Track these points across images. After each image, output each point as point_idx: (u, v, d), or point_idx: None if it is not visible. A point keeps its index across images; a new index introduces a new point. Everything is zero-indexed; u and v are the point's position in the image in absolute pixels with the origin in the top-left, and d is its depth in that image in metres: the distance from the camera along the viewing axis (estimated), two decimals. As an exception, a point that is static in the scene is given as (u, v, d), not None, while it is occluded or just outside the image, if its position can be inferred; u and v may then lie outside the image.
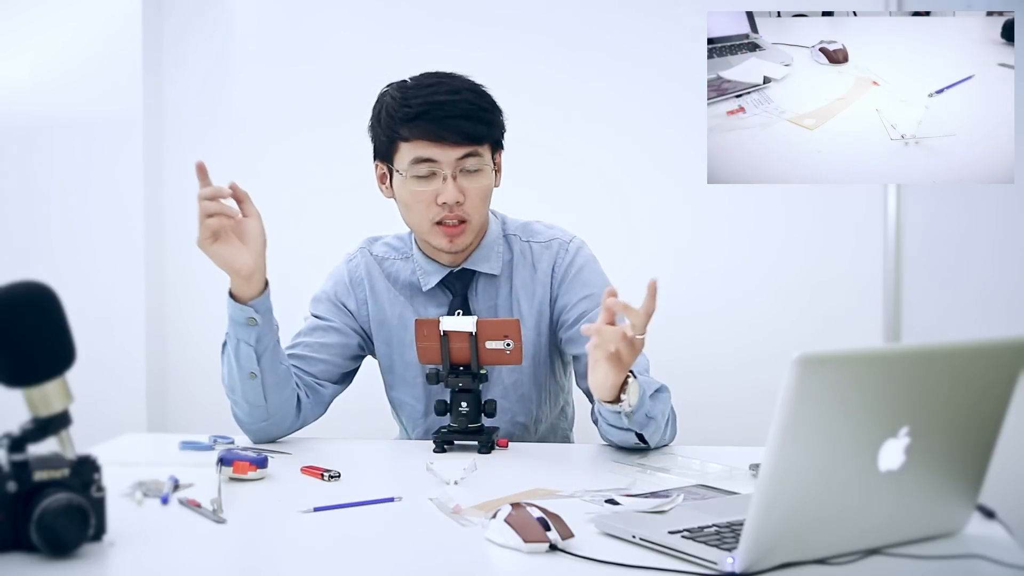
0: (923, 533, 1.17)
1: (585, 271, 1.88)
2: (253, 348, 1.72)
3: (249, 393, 1.73)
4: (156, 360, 2.87)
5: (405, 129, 1.76)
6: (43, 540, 1.10)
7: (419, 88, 1.78)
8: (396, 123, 1.77)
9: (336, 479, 1.51)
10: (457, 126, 1.75)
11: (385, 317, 1.90)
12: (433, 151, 1.76)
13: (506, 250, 1.90)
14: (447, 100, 1.75)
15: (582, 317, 1.83)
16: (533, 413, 1.90)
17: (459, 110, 1.75)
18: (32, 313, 1.10)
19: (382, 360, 1.93)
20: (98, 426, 1.79)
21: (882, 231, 2.65)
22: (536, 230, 1.93)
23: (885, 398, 1.05)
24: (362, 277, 1.92)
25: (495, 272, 1.88)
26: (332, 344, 1.87)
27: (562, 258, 1.88)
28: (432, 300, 1.89)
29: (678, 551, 1.11)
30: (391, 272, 1.91)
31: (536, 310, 1.88)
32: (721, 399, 2.60)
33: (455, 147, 1.76)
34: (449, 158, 1.76)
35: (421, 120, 1.75)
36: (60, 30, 2.81)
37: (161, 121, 2.87)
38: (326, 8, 2.83)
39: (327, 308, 1.91)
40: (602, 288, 1.85)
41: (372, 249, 1.95)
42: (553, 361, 1.92)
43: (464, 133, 1.76)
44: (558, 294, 1.87)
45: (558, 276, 1.88)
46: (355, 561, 1.18)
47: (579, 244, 1.91)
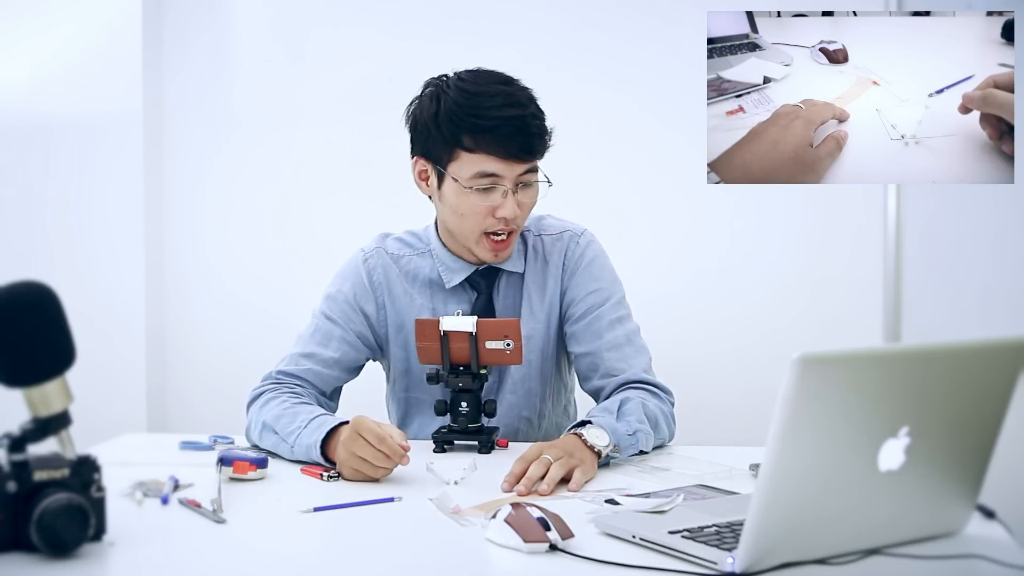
0: (923, 533, 1.17)
1: (595, 265, 1.87)
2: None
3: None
4: (156, 360, 2.87)
5: (471, 140, 1.71)
6: (43, 540, 1.10)
7: (486, 97, 1.71)
8: (461, 131, 1.71)
9: (335, 479, 1.51)
10: (531, 145, 1.72)
11: (403, 320, 1.86)
12: (499, 167, 1.71)
13: (521, 244, 1.88)
14: (517, 115, 1.70)
15: (588, 312, 1.82)
16: (537, 407, 1.89)
17: (532, 129, 1.71)
18: (32, 313, 1.10)
19: (397, 364, 1.89)
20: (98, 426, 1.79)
21: (882, 231, 2.65)
22: (548, 224, 1.92)
23: (885, 398, 1.05)
24: (381, 280, 1.86)
25: (519, 270, 1.86)
26: (341, 360, 1.83)
27: (573, 250, 1.87)
28: (454, 297, 1.86)
29: (678, 551, 1.11)
30: (408, 270, 1.88)
31: (547, 303, 1.86)
32: (721, 399, 2.60)
33: (520, 163, 1.73)
34: (513, 174, 1.72)
35: (492, 135, 1.69)
36: (60, 30, 2.81)
37: (161, 121, 2.87)
38: (326, 8, 2.83)
39: (341, 310, 1.85)
40: (610, 285, 1.85)
41: (387, 247, 1.90)
42: (559, 357, 1.91)
43: (536, 152, 1.73)
44: (568, 286, 1.86)
45: (569, 268, 1.87)
46: (355, 561, 1.18)
47: (590, 238, 1.91)
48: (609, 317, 1.82)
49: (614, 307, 1.83)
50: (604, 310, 1.82)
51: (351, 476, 1.50)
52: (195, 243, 2.89)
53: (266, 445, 1.67)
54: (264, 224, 2.86)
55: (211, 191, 2.88)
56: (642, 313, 1.92)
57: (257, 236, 2.86)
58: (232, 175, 2.88)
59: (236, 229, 2.87)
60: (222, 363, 2.82)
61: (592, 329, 1.81)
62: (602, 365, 1.79)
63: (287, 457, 1.63)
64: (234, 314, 2.85)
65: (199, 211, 2.89)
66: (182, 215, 2.90)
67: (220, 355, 2.85)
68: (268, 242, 2.85)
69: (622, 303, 1.86)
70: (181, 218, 2.90)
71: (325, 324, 1.85)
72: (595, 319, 1.82)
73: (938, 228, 2.63)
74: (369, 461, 1.47)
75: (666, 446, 1.73)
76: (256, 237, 2.86)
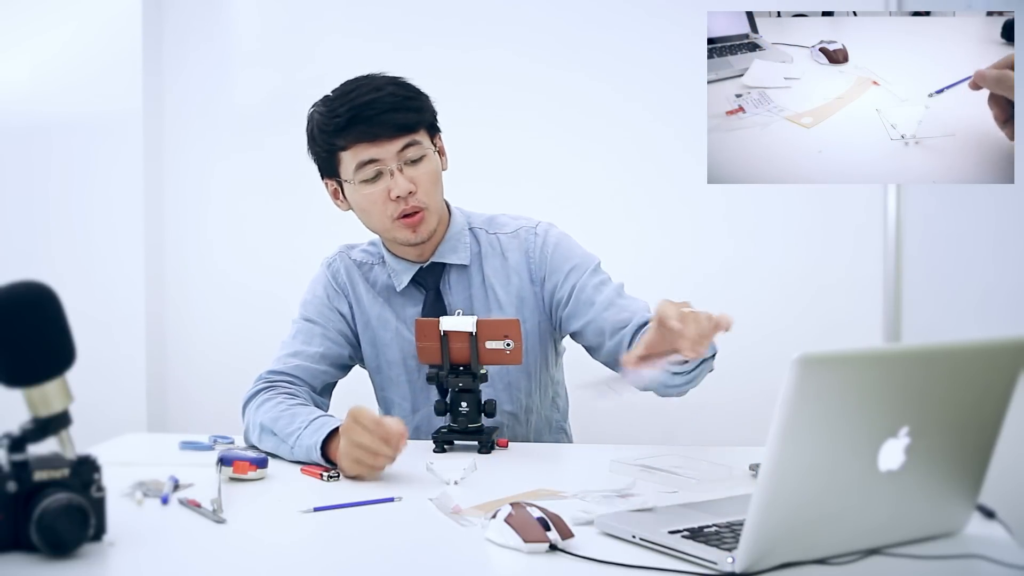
0: (923, 533, 1.17)
1: (562, 247, 1.90)
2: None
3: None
4: (156, 360, 2.87)
5: (340, 139, 1.78)
6: (43, 540, 1.10)
7: (343, 97, 1.79)
8: (330, 135, 1.79)
9: (335, 479, 1.51)
10: (389, 120, 1.76)
11: (368, 319, 1.92)
12: (373, 150, 1.77)
13: (473, 242, 1.92)
14: (372, 99, 1.77)
15: (573, 289, 1.85)
16: (522, 403, 1.91)
17: (386, 104, 1.76)
18: (32, 313, 1.10)
19: (369, 362, 1.95)
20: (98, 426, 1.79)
21: (882, 231, 2.65)
22: (502, 222, 1.95)
23: (885, 398, 1.05)
24: (345, 281, 1.93)
25: (464, 262, 1.89)
26: (327, 354, 1.88)
27: (533, 243, 1.90)
28: (408, 299, 1.90)
29: (678, 551, 1.11)
30: (369, 277, 1.93)
31: (515, 298, 1.89)
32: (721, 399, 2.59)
33: (392, 140, 1.77)
34: (390, 153, 1.77)
35: (353, 125, 1.77)
36: (60, 30, 2.81)
37: (161, 121, 2.87)
38: (326, 8, 2.83)
39: (318, 311, 1.91)
40: (583, 259, 1.89)
41: (350, 254, 1.97)
42: (546, 350, 1.93)
43: (397, 125, 1.77)
44: (544, 276, 1.89)
45: (535, 260, 1.89)
46: (355, 561, 1.18)
47: (546, 226, 1.93)
48: (592, 283, 1.85)
49: (592, 274, 1.87)
50: (583, 280, 1.86)
51: (351, 469, 1.50)
52: (195, 243, 2.89)
53: (266, 447, 1.67)
54: (264, 224, 2.86)
55: (211, 191, 2.88)
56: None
57: (257, 236, 2.86)
58: (232, 175, 2.88)
59: (236, 229, 2.87)
60: (222, 363, 2.82)
61: (581, 300, 1.84)
62: (607, 325, 1.81)
63: (287, 458, 1.63)
64: (234, 314, 2.85)
65: (199, 211, 2.89)
66: (182, 215, 2.90)
67: (220, 355, 2.85)
68: (268, 242, 2.85)
69: (599, 270, 1.89)
70: (181, 218, 2.90)
71: (306, 326, 1.90)
72: (579, 291, 1.85)
73: (938, 228, 2.63)
74: (367, 446, 1.47)
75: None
76: (256, 237, 2.86)
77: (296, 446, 1.61)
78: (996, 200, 2.50)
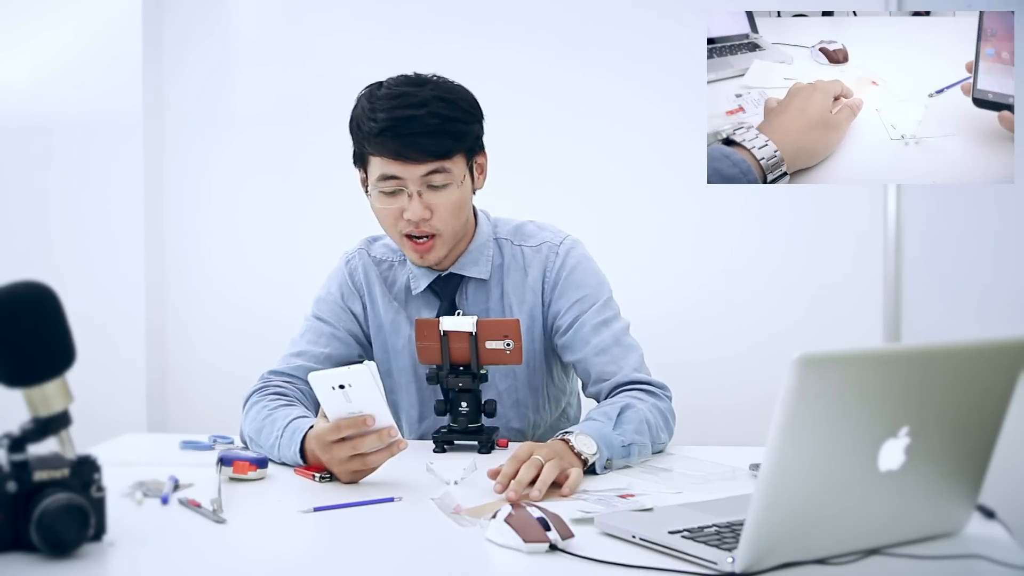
0: (923, 533, 1.17)
1: (577, 272, 1.84)
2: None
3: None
4: (156, 360, 2.88)
5: (370, 145, 1.72)
6: (43, 540, 1.10)
7: (386, 100, 1.70)
8: (363, 136, 1.73)
9: (328, 480, 1.50)
10: (420, 145, 1.69)
11: (381, 322, 1.88)
12: (396, 168, 1.71)
13: (497, 254, 1.86)
14: (411, 116, 1.68)
15: (575, 322, 1.80)
16: (530, 419, 1.88)
17: (423, 126, 1.68)
18: (32, 313, 1.10)
19: (380, 365, 1.89)
20: (98, 426, 1.79)
21: (882, 231, 2.65)
22: (528, 232, 1.89)
23: (885, 398, 1.05)
24: (361, 281, 1.89)
25: (483, 277, 1.84)
26: (332, 355, 1.84)
27: (552, 262, 1.84)
28: (424, 304, 1.86)
29: (678, 551, 1.11)
30: (388, 276, 1.89)
31: (528, 315, 1.84)
32: (721, 399, 2.60)
33: (419, 165, 1.70)
34: (414, 175, 1.71)
35: (383, 137, 1.69)
36: (60, 30, 2.81)
37: (161, 121, 2.87)
38: (326, 8, 2.83)
39: (331, 310, 1.88)
40: (595, 290, 1.83)
41: (371, 251, 1.92)
42: (551, 366, 1.89)
43: (428, 151, 1.69)
44: (551, 299, 1.84)
45: (549, 281, 1.84)
46: (355, 561, 1.18)
47: (570, 245, 1.86)
48: (593, 322, 1.79)
49: (599, 311, 1.80)
50: (588, 316, 1.80)
51: (351, 479, 1.49)
52: (195, 243, 2.89)
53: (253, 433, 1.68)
54: (264, 224, 2.86)
55: (211, 191, 2.88)
56: (642, 315, 1.92)
57: (257, 236, 2.86)
58: (232, 175, 2.88)
59: (236, 229, 2.87)
60: (222, 363, 2.82)
61: (579, 337, 1.79)
62: (593, 371, 1.78)
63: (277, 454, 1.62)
64: (234, 314, 2.85)
65: (199, 211, 2.89)
66: (182, 215, 2.90)
67: (220, 355, 2.85)
68: (268, 242, 2.86)
69: (608, 305, 1.83)
70: (181, 218, 2.90)
71: (316, 324, 1.88)
72: (580, 326, 1.80)
73: (938, 228, 2.63)
74: (349, 457, 1.45)
75: (662, 451, 1.71)
76: (256, 237, 2.86)
77: (281, 457, 1.60)
78: (996, 200, 2.50)
